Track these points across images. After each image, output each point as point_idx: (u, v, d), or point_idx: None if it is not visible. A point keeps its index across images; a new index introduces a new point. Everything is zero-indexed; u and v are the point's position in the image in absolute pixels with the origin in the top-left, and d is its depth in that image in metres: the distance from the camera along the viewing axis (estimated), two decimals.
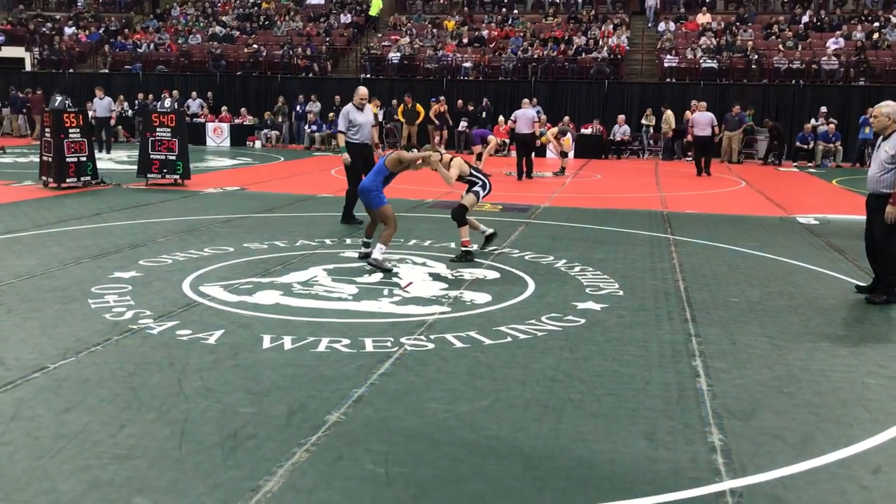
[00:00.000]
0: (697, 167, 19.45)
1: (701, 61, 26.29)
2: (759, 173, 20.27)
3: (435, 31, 30.88)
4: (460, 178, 8.78)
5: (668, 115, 24.08)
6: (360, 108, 10.77)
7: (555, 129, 20.04)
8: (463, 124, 25.53)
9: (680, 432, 4.30)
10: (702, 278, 8.04)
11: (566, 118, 23.37)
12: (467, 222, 8.77)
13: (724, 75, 25.95)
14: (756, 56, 26.05)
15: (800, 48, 26.35)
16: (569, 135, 20.16)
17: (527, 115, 18.05)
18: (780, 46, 26.55)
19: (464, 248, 8.70)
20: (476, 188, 8.79)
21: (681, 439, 4.21)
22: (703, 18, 29.30)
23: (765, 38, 27.74)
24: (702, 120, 19.75)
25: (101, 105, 21.14)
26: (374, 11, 31.22)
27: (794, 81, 25.18)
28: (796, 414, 4.59)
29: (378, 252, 8.03)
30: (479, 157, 18.78)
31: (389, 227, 8.18)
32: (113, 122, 22.23)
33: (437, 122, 25.24)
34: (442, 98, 25.51)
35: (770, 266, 8.76)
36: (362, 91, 10.87)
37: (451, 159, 8.81)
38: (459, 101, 25.94)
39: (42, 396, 4.59)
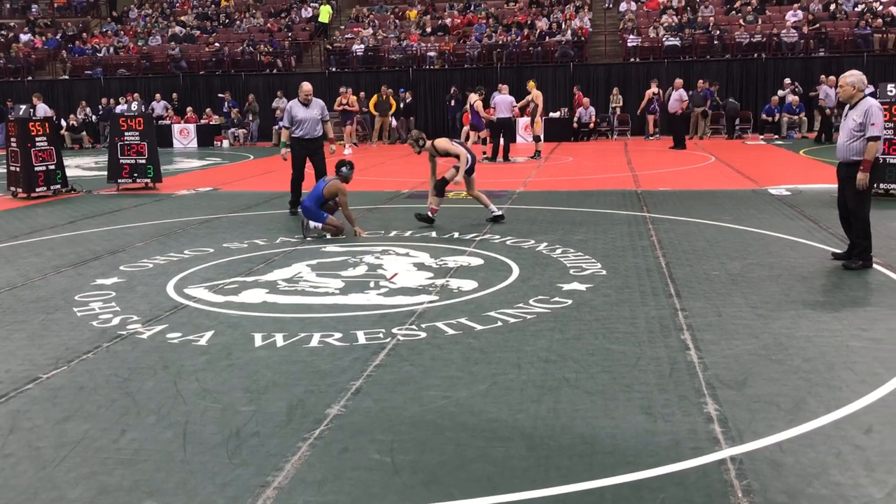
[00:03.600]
0: (675, 140, 20.95)
1: (664, 39, 26.49)
2: (727, 148, 20.53)
3: (398, 21, 30.78)
4: (448, 153, 9.93)
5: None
6: (305, 104, 11.09)
7: (538, 94, 20.02)
8: (393, 122, 24.74)
9: (676, 404, 4.38)
10: (682, 254, 8.15)
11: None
12: (444, 195, 10.05)
13: (688, 52, 26.18)
14: (718, 31, 26.30)
15: (760, 22, 26.64)
16: (539, 117, 20.29)
17: (506, 101, 18.30)
18: (741, 21, 26.83)
19: (432, 214, 9.93)
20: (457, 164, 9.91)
21: (677, 411, 4.29)
22: None
23: (725, 13, 28.01)
24: (676, 97, 21.32)
25: (38, 112, 20.52)
26: (323, 18, 30.83)
27: (756, 55, 25.46)
28: (787, 380, 4.69)
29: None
30: (485, 141, 18.90)
31: (339, 226, 9.61)
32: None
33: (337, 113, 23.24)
34: (344, 90, 23.70)
35: (747, 238, 8.90)
36: (306, 87, 11.25)
37: (433, 142, 10.01)
38: (384, 89, 24.32)
39: (38, 407, 4.56)
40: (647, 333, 5.62)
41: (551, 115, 24.51)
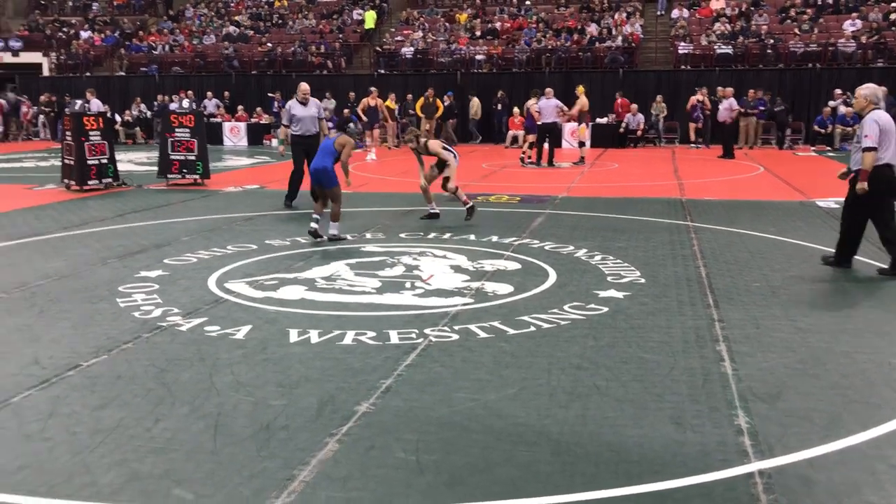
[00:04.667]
0: (724, 150, 20.62)
1: (715, 47, 26.13)
2: (776, 158, 20.17)
3: (447, 24, 30.87)
4: (437, 155, 10.68)
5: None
6: (304, 102, 11.94)
7: (585, 101, 19.96)
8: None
9: (707, 416, 4.33)
10: (723, 264, 8.04)
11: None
12: (457, 187, 10.71)
13: (740, 61, 25.78)
14: (771, 41, 25.85)
15: (815, 31, 26.12)
16: (584, 124, 20.21)
17: (551, 105, 18.30)
18: (796, 30, 26.34)
19: (467, 207, 10.60)
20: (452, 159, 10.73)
21: (708, 423, 4.24)
22: (716, 4, 29.11)
23: (780, 21, 27.54)
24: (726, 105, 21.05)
25: (92, 108, 20.98)
26: (369, 24, 30.99)
27: (810, 65, 24.96)
28: (823, 395, 4.61)
29: (335, 228, 9.33)
30: (532, 145, 18.91)
31: (338, 203, 9.45)
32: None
33: (364, 118, 23.45)
34: (373, 90, 23.97)
35: (791, 250, 8.74)
36: (304, 87, 12.13)
37: (427, 142, 10.79)
38: (430, 92, 24.44)
39: (77, 393, 4.69)
40: (682, 343, 5.56)
41: (598, 120, 24.34)
